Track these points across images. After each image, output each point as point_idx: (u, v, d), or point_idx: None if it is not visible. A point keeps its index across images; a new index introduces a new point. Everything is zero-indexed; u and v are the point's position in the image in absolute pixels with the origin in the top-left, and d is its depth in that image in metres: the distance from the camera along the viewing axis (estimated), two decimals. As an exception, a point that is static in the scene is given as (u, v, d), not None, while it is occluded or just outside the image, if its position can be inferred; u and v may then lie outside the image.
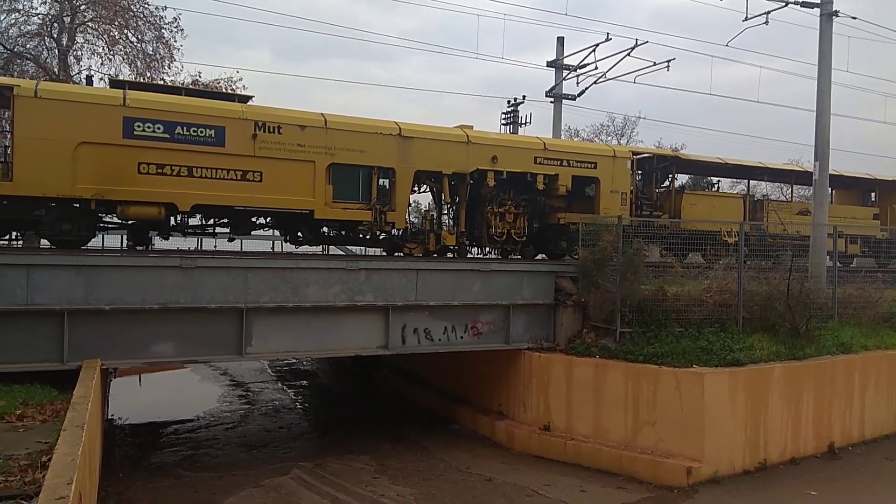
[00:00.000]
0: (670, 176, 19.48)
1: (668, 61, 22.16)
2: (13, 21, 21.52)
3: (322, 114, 13.67)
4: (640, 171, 18.64)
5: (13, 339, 9.90)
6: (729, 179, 30.22)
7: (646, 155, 18.85)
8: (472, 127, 15.79)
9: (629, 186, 17.11)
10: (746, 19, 17.13)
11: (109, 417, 15.32)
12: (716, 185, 24.37)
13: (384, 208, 14.11)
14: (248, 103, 13.65)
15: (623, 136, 41.95)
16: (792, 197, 24.18)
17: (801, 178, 21.93)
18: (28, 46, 21.90)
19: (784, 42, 30.06)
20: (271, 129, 12.92)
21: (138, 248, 13.85)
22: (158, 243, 15.45)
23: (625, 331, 13.27)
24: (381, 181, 14.21)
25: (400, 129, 14.25)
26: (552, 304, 14.45)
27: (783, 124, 53.50)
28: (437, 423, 15.52)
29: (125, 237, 15.51)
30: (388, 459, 12.73)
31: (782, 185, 30.83)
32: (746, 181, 24.79)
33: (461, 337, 13.71)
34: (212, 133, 12.45)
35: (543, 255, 17.66)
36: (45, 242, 13.17)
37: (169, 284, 10.95)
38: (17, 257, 10.34)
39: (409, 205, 15.40)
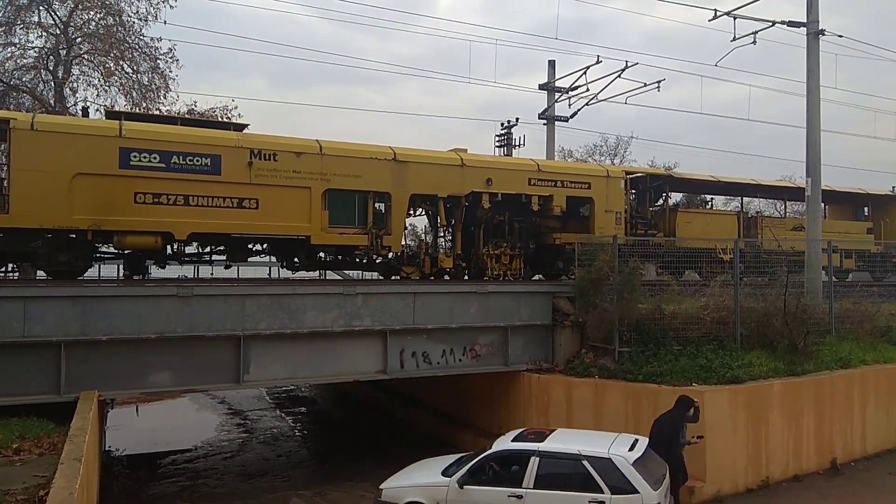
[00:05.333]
0: (664, 195, 19.59)
1: (659, 82, 22.42)
2: (9, 55, 21.70)
3: (317, 140, 13.78)
4: (633, 191, 18.77)
5: (10, 372, 9.85)
6: (722, 197, 30.44)
7: (639, 174, 18.99)
8: (466, 150, 15.93)
9: (623, 206, 17.22)
10: (735, 39, 17.36)
11: (107, 449, 15.18)
12: (709, 203, 24.50)
13: (380, 232, 14.17)
14: (244, 131, 13.75)
15: (616, 155, 42.18)
16: (785, 213, 24.36)
17: (794, 194, 22.11)
18: (24, 79, 22.06)
19: (773, 61, 30.50)
20: (267, 157, 13.01)
21: (135, 277, 13.85)
22: (155, 272, 15.44)
23: (623, 350, 13.25)
24: (376, 205, 14.29)
25: (395, 153, 14.35)
26: (550, 324, 14.44)
27: (775, 141, 54.05)
28: (438, 446, 15.38)
29: (122, 267, 15.51)
30: (388, 485, 12.58)
31: (776, 201, 31.03)
32: (740, 198, 24.95)
33: (460, 360, 13.67)
34: (207, 161, 12.53)
35: (540, 276, 17.70)
36: (41, 273, 13.15)
37: (166, 313, 10.93)
38: (13, 289, 10.33)
39: (405, 228, 15.46)
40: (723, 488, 11.36)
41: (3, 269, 13.50)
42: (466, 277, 16.35)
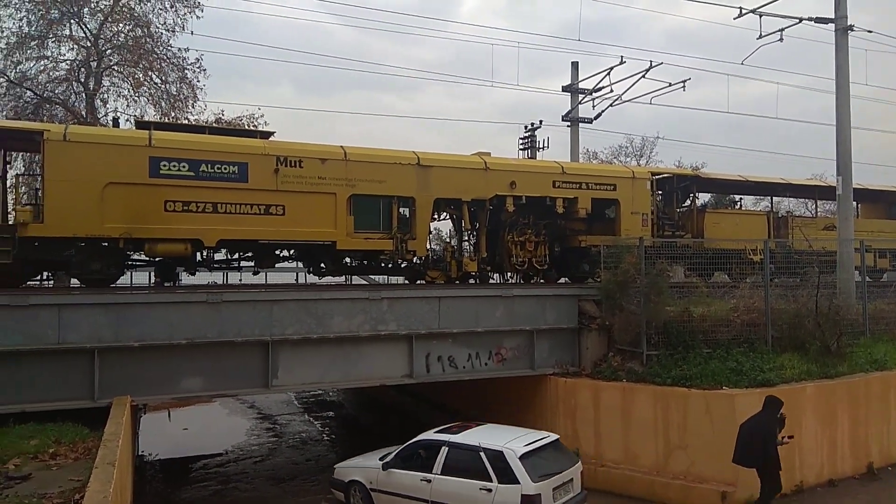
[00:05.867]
0: (691, 195, 19.37)
1: (684, 81, 22.19)
2: (42, 68, 22.22)
3: (342, 146, 13.89)
4: (660, 192, 18.58)
5: (45, 378, 10.08)
6: (752, 197, 29.98)
7: (665, 175, 18.79)
8: (489, 153, 15.92)
9: (650, 207, 17.06)
10: (761, 37, 17.12)
11: (140, 453, 15.43)
12: (738, 204, 24.16)
13: (405, 237, 14.22)
14: (270, 139, 13.92)
15: (642, 156, 41.84)
16: (817, 212, 23.89)
17: (825, 193, 21.69)
18: (56, 91, 22.56)
19: (800, 57, 29.99)
20: (293, 164, 13.14)
21: (166, 284, 14.08)
22: (185, 279, 15.68)
23: (651, 353, 13.12)
24: (401, 210, 14.34)
25: (418, 158, 14.41)
26: (576, 327, 14.36)
27: (804, 139, 53.07)
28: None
29: (153, 274, 15.79)
30: (416, 490, 12.59)
31: (806, 200, 30.46)
32: (769, 198, 24.52)
33: (485, 364, 13.66)
34: (235, 169, 12.70)
35: (566, 279, 17.60)
36: (75, 282, 13.42)
37: (196, 320, 11.10)
38: (48, 297, 10.54)
39: (430, 232, 15.49)
40: (756, 493, 11.12)
41: (39, 277, 13.81)
42: (496, 278, 16.31)
